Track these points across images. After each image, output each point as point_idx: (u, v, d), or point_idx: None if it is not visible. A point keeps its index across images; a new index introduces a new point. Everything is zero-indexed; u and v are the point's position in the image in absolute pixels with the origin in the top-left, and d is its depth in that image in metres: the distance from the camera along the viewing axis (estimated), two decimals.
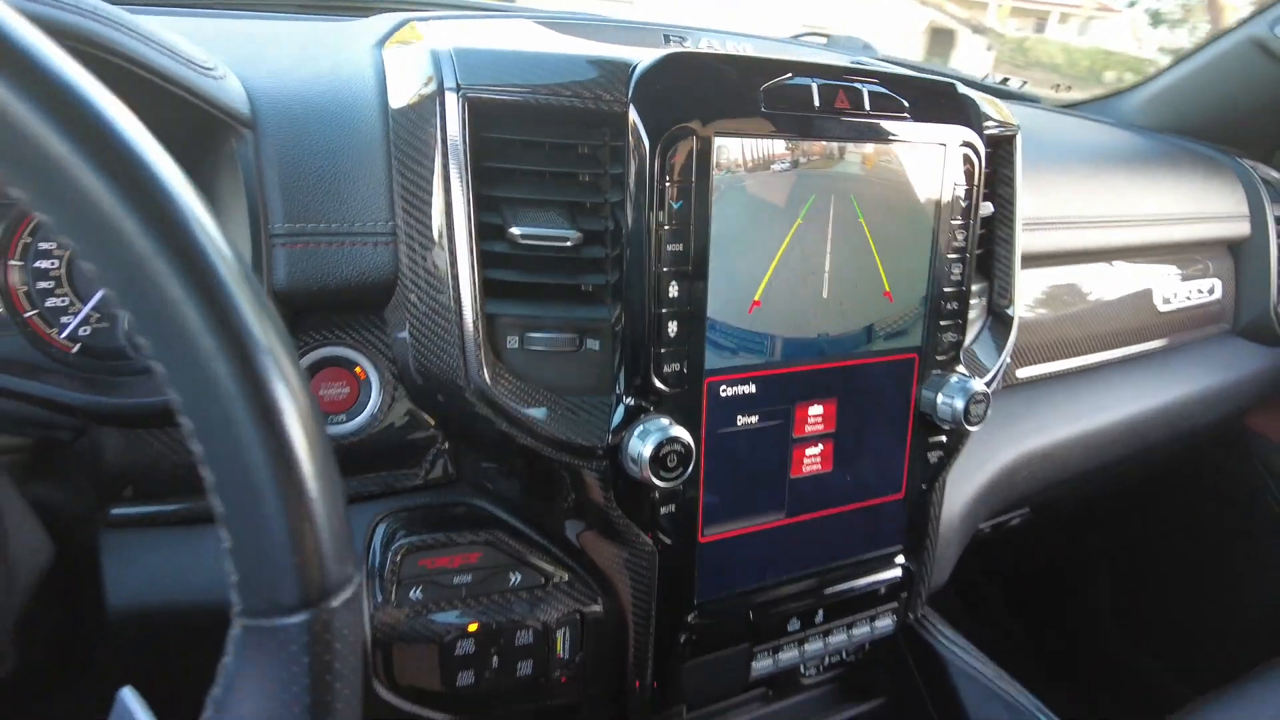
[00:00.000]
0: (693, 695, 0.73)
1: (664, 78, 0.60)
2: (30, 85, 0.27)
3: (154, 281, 0.29)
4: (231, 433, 0.30)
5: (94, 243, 0.29)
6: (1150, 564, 1.67)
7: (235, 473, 0.31)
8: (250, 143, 0.60)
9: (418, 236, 0.62)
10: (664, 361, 0.63)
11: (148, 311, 0.29)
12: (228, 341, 0.30)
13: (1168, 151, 1.37)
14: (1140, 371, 1.22)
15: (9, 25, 0.27)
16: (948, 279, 0.75)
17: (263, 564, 0.32)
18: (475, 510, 0.69)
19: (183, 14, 0.81)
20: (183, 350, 0.30)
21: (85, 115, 0.28)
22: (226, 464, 0.31)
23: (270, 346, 0.31)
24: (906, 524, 0.80)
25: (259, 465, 0.31)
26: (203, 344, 0.30)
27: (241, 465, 0.31)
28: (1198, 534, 1.60)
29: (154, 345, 0.30)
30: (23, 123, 0.27)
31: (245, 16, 0.86)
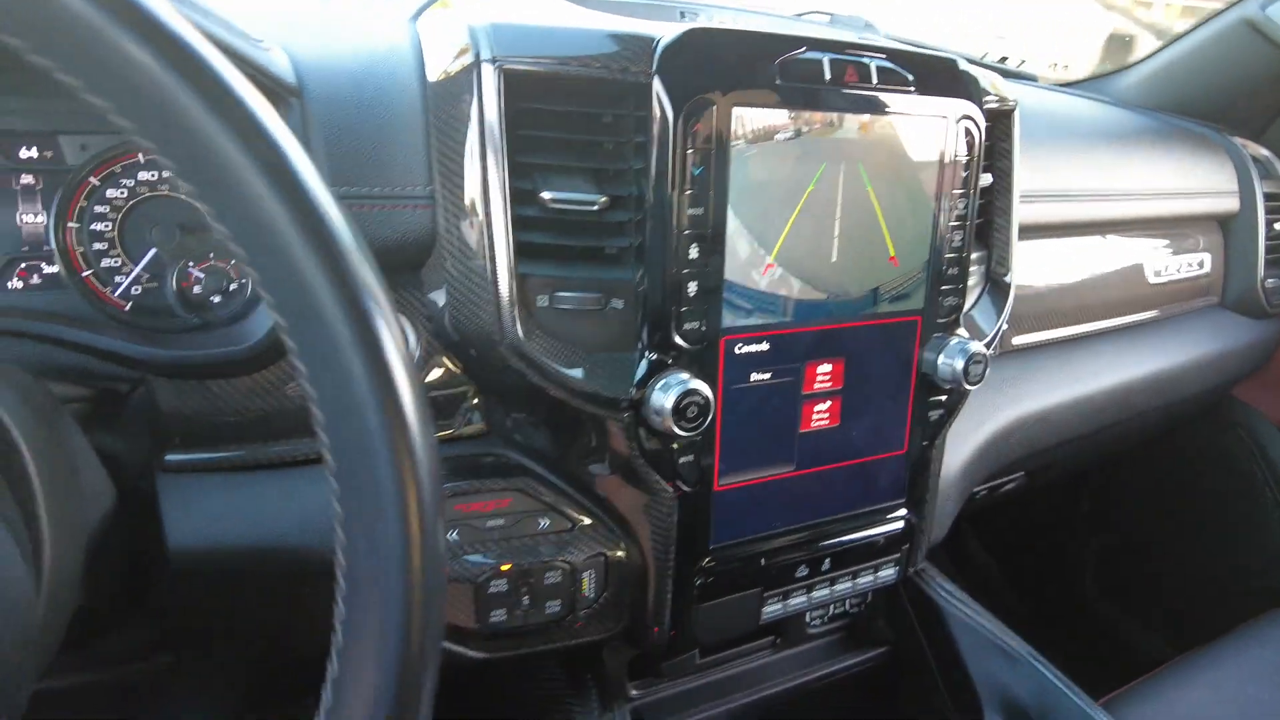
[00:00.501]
0: (706, 637, 0.78)
1: (686, 51, 0.64)
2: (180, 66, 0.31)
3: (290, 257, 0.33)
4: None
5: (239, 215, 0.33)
6: (1137, 529, 1.73)
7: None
8: (298, 111, 0.64)
9: (454, 201, 0.65)
10: (684, 320, 0.67)
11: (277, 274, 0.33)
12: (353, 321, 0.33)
13: (1160, 129, 1.41)
14: (1131, 341, 1.27)
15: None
16: (949, 246, 0.79)
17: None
18: (506, 460, 0.73)
19: None
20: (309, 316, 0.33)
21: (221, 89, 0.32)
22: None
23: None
24: (908, 479, 0.85)
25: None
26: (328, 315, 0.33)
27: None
28: (1183, 500, 1.65)
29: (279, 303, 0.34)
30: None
31: None
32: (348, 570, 0.34)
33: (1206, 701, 1.00)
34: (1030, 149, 1.12)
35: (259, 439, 0.68)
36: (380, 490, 0.33)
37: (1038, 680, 0.87)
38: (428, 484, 0.34)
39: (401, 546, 0.33)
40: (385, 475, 0.33)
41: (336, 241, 0.34)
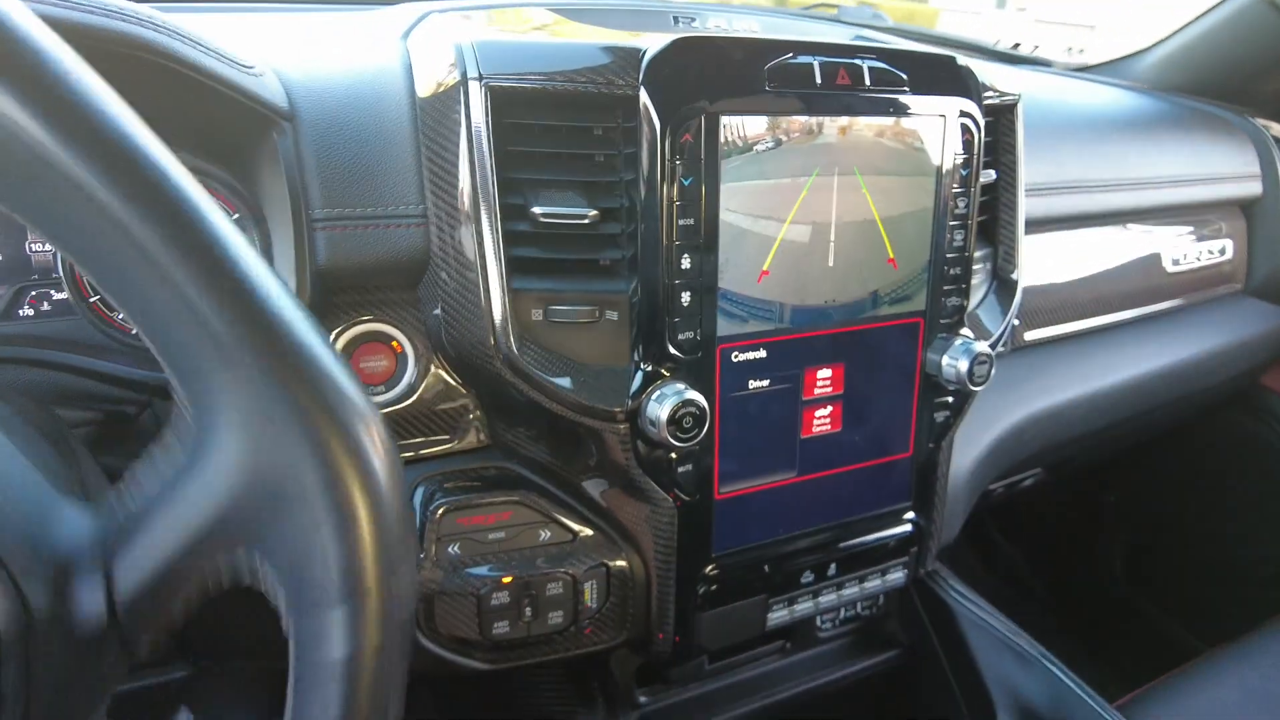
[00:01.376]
0: (712, 644, 0.78)
1: (672, 61, 0.64)
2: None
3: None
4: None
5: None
6: (1165, 521, 1.69)
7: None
8: (290, 134, 0.65)
9: (447, 218, 0.66)
10: (678, 330, 0.67)
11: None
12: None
13: (1178, 113, 1.38)
14: (1150, 332, 1.25)
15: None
16: (950, 245, 0.78)
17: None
18: (507, 472, 0.74)
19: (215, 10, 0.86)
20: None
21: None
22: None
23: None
24: (915, 481, 0.84)
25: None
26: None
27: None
28: (1213, 490, 1.62)
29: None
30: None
31: (275, 10, 0.91)
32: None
33: (1230, 702, 0.98)
34: (1040, 140, 1.10)
35: None
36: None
37: (1052, 683, 0.86)
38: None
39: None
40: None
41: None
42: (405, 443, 0.73)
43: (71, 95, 0.32)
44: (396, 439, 0.72)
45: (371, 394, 0.70)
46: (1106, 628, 1.78)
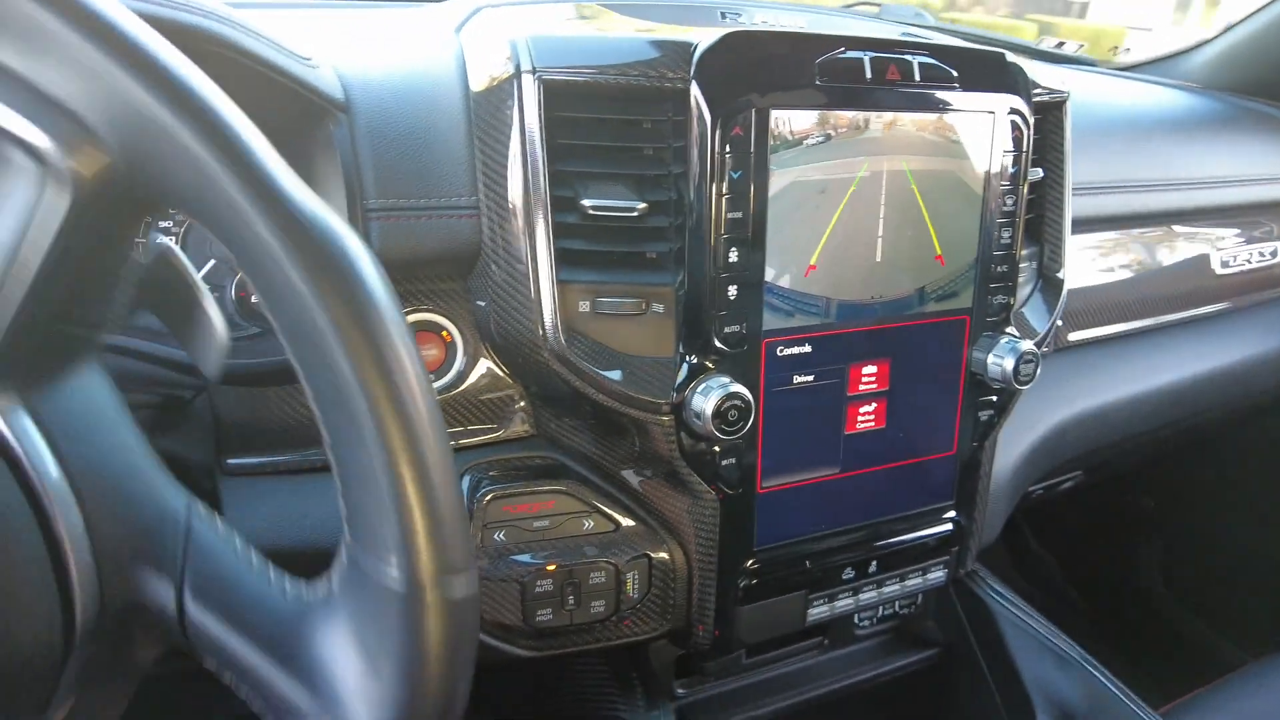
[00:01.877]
0: (751, 638, 0.78)
1: (723, 55, 0.64)
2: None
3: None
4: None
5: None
6: (1205, 527, 1.66)
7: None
8: (345, 125, 0.66)
9: (498, 209, 0.67)
10: (724, 323, 0.67)
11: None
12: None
13: (1228, 112, 1.35)
14: (1197, 335, 1.22)
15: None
16: (997, 243, 0.78)
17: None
18: (552, 462, 0.75)
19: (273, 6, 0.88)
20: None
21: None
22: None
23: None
24: (958, 480, 0.84)
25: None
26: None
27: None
28: (1256, 499, 1.58)
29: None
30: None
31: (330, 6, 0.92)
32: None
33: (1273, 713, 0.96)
34: (1086, 139, 1.09)
35: (313, 444, 0.71)
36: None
37: (1092, 685, 0.85)
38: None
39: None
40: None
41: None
42: (453, 430, 0.74)
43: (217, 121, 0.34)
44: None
45: None
46: (1143, 635, 1.75)
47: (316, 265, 0.34)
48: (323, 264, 0.35)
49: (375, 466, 0.34)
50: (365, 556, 0.36)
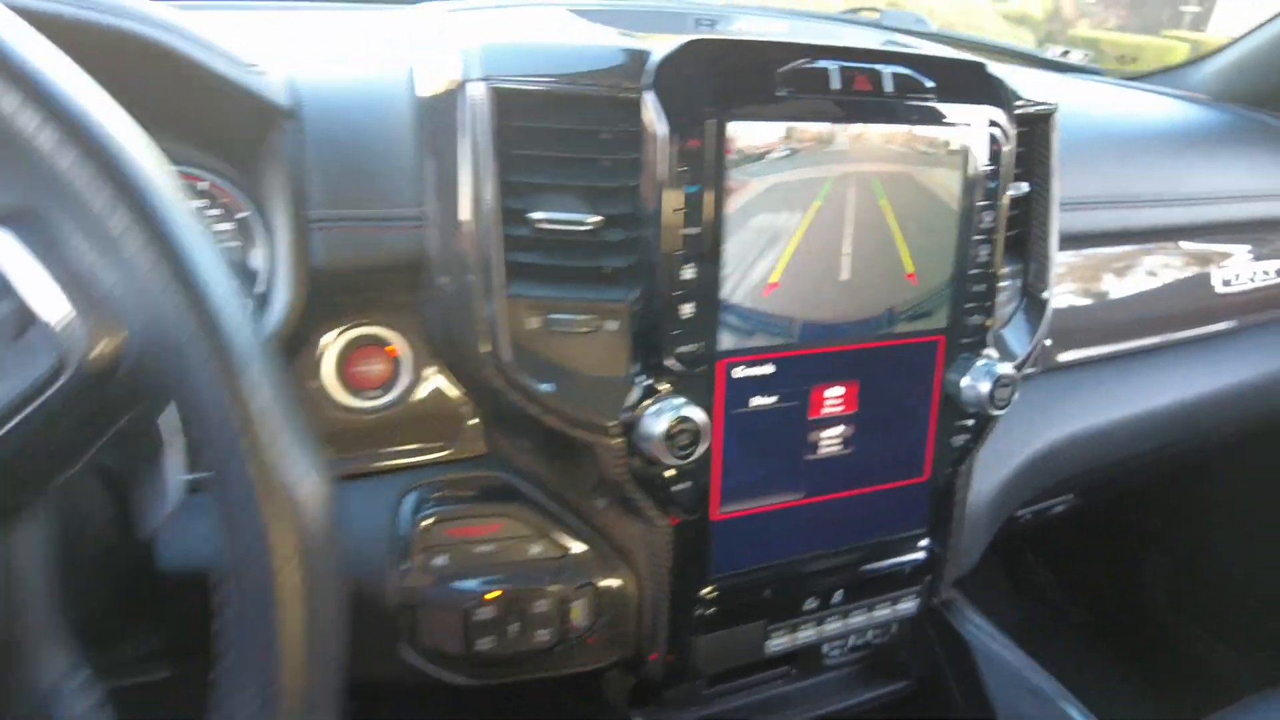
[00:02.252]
0: (707, 668, 0.75)
1: (680, 65, 0.61)
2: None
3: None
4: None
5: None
6: (1212, 548, 1.61)
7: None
8: (291, 133, 0.64)
9: (445, 221, 0.64)
10: (678, 343, 0.64)
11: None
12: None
13: (1238, 124, 1.30)
14: (1197, 356, 1.18)
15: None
16: (974, 261, 0.74)
17: None
18: (502, 484, 0.72)
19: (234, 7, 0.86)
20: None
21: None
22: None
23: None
24: (930, 507, 0.80)
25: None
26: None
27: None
28: (1264, 520, 1.53)
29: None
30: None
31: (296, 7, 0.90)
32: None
33: None
34: (1082, 151, 1.05)
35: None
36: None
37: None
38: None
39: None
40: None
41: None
42: (400, 448, 0.72)
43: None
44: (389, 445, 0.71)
45: (366, 398, 0.69)
46: (1151, 658, 1.70)
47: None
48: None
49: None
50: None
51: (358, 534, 0.68)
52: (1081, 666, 1.68)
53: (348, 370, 0.69)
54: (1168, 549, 1.68)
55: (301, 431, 0.37)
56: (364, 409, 0.69)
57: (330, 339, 0.68)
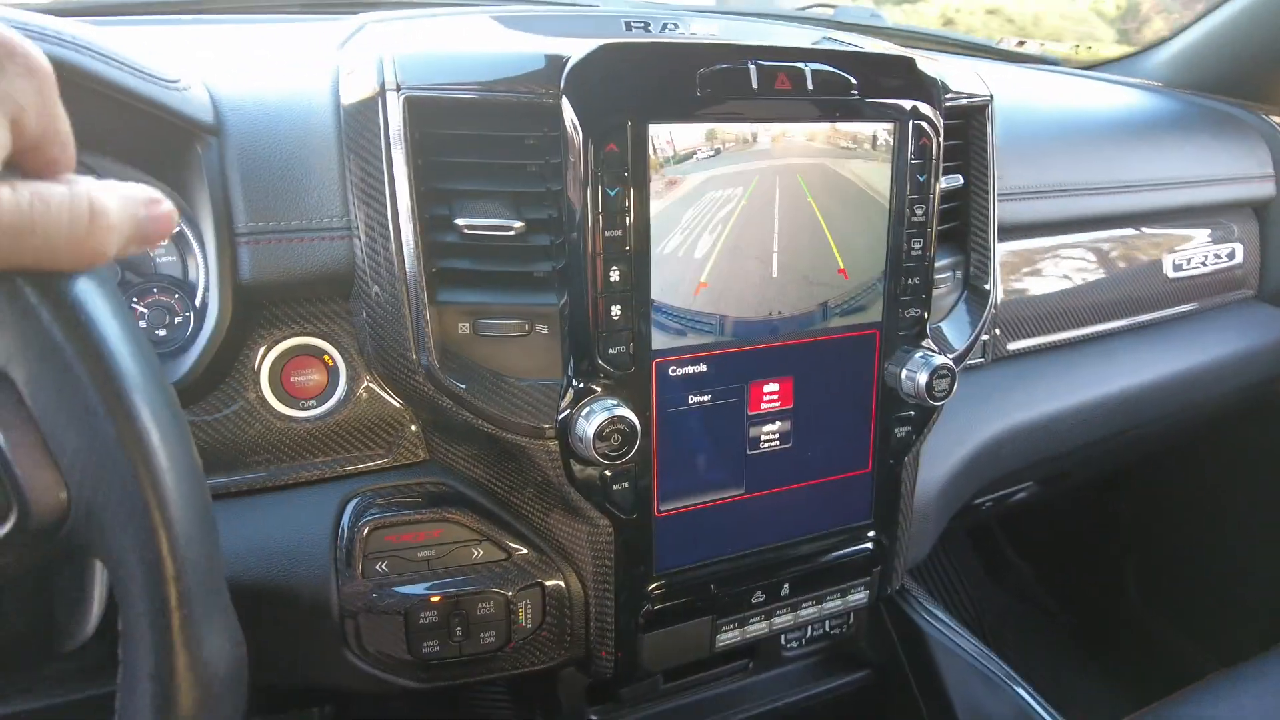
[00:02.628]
0: (656, 665, 0.76)
1: (596, 69, 0.62)
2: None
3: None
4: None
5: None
6: (1179, 535, 1.63)
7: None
8: (215, 148, 0.64)
9: (371, 230, 0.65)
10: (608, 344, 0.65)
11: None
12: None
13: (1187, 111, 1.32)
14: (1149, 341, 1.19)
15: None
16: (907, 255, 0.75)
17: None
18: (443, 489, 0.73)
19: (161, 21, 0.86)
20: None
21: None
22: None
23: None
24: (875, 499, 0.81)
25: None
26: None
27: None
28: (1229, 505, 1.55)
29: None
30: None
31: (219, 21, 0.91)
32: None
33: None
34: (1027, 141, 1.06)
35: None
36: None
37: (1020, 707, 0.83)
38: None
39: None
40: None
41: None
42: (339, 456, 0.72)
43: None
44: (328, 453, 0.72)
45: (302, 408, 0.70)
46: (1118, 644, 1.72)
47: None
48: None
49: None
50: None
51: (299, 543, 0.68)
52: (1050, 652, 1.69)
53: (285, 380, 0.70)
54: (1137, 538, 1.69)
55: (225, 608, 0.38)
56: (302, 418, 0.70)
57: (266, 350, 0.69)
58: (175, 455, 0.36)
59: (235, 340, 0.66)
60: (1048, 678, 0.88)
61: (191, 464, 0.37)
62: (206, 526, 0.37)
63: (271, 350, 0.69)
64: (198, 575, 0.36)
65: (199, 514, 0.37)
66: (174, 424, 0.37)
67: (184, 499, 0.36)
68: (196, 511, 0.37)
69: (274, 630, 0.67)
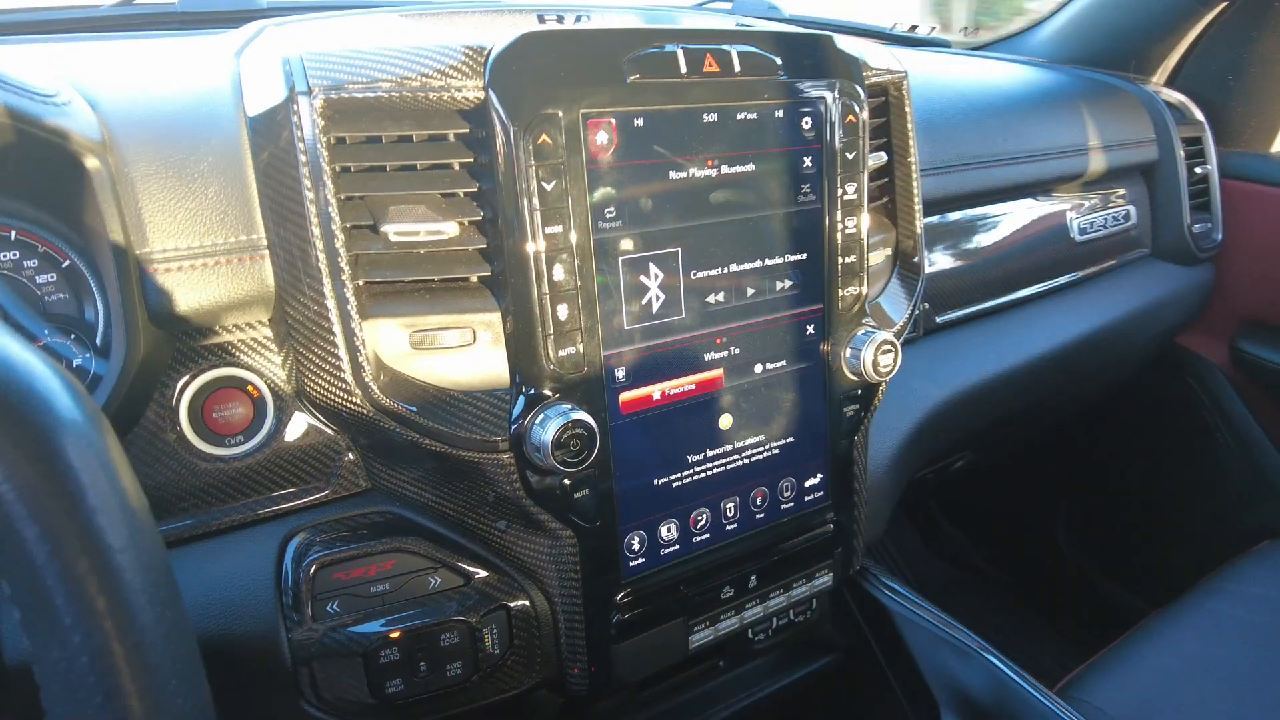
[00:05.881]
0: (631, 675, 0.73)
1: (521, 59, 0.59)
2: None
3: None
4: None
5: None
6: (1103, 488, 1.71)
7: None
8: (106, 169, 0.58)
9: (290, 247, 0.60)
10: (559, 346, 0.62)
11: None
12: None
13: (1074, 84, 1.38)
14: (1064, 303, 1.24)
15: None
16: (843, 233, 0.75)
17: None
18: (390, 517, 0.68)
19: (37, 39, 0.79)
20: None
21: None
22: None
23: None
24: (831, 480, 0.81)
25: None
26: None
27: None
28: (1144, 455, 1.63)
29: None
30: None
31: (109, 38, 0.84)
32: None
33: (1167, 669, 0.97)
34: (937, 119, 1.08)
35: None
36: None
37: (990, 673, 0.84)
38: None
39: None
40: None
41: None
42: (274, 494, 0.67)
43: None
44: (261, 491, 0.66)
45: (229, 445, 0.64)
46: (1057, 598, 1.79)
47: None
48: None
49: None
50: None
51: (239, 592, 0.63)
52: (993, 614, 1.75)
53: (207, 416, 0.64)
54: (1065, 495, 1.77)
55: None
56: (230, 456, 0.64)
57: (184, 385, 0.63)
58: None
59: (147, 378, 0.61)
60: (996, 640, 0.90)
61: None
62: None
63: (190, 385, 0.63)
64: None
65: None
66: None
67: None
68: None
69: (219, 690, 0.61)
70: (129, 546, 0.31)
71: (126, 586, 0.31)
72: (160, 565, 0.33)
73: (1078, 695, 0.91)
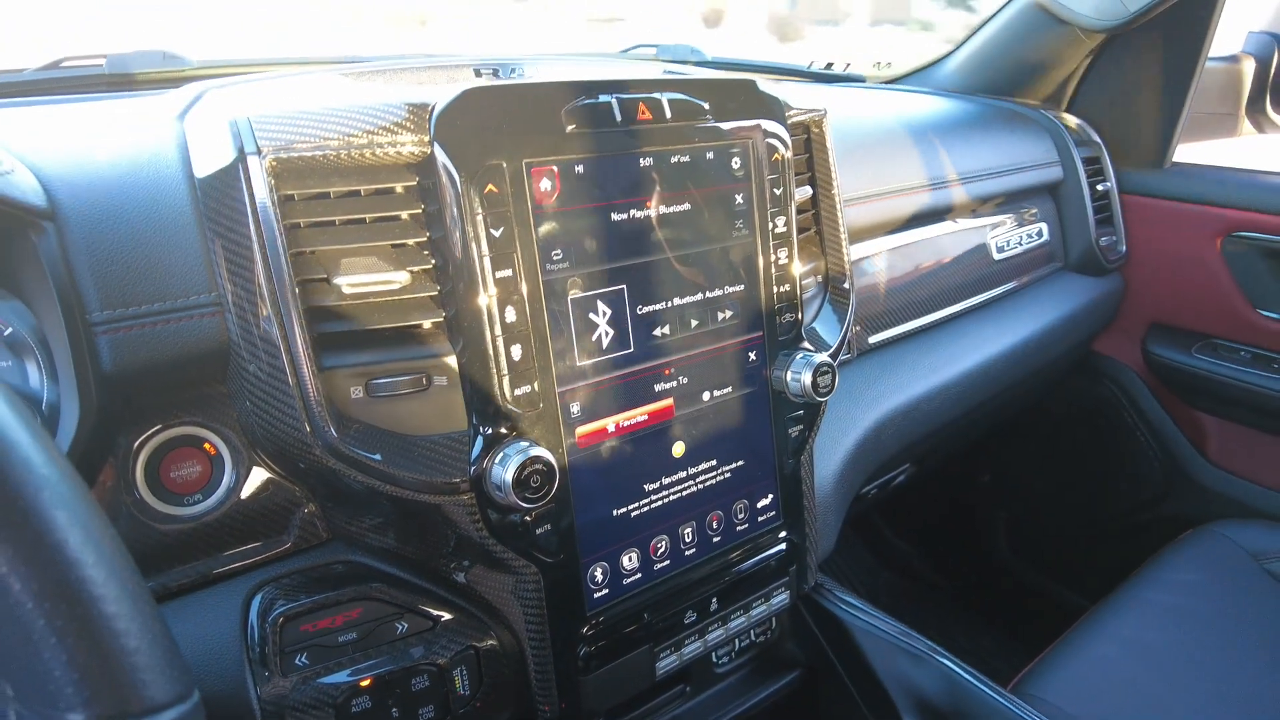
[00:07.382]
0: (601, 705, 0.74)
1: (463, 114, 0.62)
2: None
3: None
4: None
5: None
6: (1034, 491, 1.78)
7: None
8: (52, 234, 0.58)
9: (242, 302, 0.61)
10: (514, 385, 0.64)
11: None
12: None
13: (980, 111, 1.47)
14: (989, 318, 1.31)
15: None
16: (776, 264, 0.79)
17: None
18: (353, 566, 0.69)
19: None
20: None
21: None
22: None
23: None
24: (782, 500, 0.84)
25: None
26: None
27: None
28: (1069, 456, 1.72)
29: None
30: None
31: (37, 102, 0.84)
32: None
33: (1110, 657, 1.02)
34: (857, 151, 1.15)
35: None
36: None
37: (946, 676, 0.87)
38: None
39: None
40: None
41: None
42: (235, 551, 0.66)
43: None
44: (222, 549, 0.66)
45: (187, 504, 0.64)
46: (1002, 600, 1.85)
47: None
48: None
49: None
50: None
51: (205, 651, 0.62)
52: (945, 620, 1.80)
53: (164, 477, 0.64)
54: (1001, 501, 1.84)
55: None
56: (189, 515, 0.64)
57: (139, 447, 0.63)
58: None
59: (101, 442, 0.60)
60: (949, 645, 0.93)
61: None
62: None
63: (145, 446, 0.63)
64: None
65: None
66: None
67: None
68: None
69: None
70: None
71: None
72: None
73: (1030, 691, 0.96)
